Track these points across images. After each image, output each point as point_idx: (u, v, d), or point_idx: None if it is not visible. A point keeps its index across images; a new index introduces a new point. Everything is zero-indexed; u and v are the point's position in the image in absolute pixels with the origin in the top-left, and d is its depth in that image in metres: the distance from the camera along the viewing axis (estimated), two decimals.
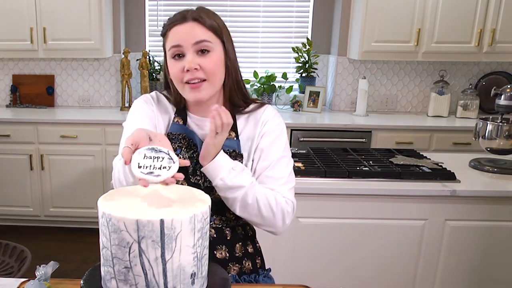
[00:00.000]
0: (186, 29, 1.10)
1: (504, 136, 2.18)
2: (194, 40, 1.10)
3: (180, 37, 1.11)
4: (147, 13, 3.89)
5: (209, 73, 1.12)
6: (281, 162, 1.19)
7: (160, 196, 0.91)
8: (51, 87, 3.85)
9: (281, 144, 1.21)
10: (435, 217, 2.04)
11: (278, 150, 1.19)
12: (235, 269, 1.21)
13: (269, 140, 1.20)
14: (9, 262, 1.84)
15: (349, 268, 2.09)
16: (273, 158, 1.18)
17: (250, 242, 1.27)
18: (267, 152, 1.19)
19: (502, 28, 3.34)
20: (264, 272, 1.28)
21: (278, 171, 1.18)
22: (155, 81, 3.78)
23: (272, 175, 1.17)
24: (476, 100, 3.63)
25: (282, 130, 1.23)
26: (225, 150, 1.15)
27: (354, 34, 3.57)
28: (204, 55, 1.11)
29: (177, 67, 1.12)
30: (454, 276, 2.11)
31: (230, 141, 1.17)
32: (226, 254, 1.20)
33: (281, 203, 1.15)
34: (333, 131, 3.34)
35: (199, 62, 1.11)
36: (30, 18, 3.42)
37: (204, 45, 1.11)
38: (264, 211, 1.13)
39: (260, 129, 1.21)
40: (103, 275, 0.87)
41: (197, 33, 1.10)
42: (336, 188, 2.00)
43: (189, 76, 1.11)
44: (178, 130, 1.20)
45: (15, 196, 3.46)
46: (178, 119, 1.22)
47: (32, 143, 3.38)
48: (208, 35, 1.11)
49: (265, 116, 1.22)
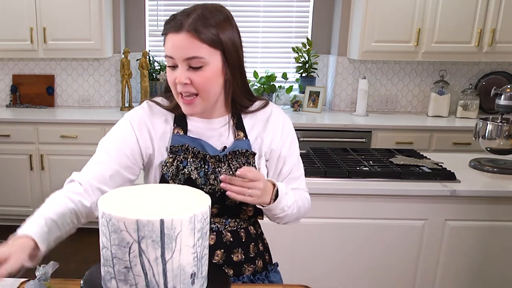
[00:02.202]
0: (179, 42, 1.04)
1: (504, 136, 2.18)
2: (185, 56, 1.04)
3: (172, 49, 1.05)
4: (147, 13, 3.89)
5: (200, 89, 1.07)
6: (299, 160, 1.28)
7: (160, 196, 0.91)
8: (51, 87, 3.84)
9: (296, 144, 1.27)
10: (435, 217, 2.04)
11: (296, 151, 1.27)
12: (250, 270, 1.21)
13: (289, 145, 1.24)
14: None
15: (349, 268, 2.09)
16: (294, 161, 1.26)
17: (260, 240, 1.28)
18: (290, 157, 1.24)
19: (502, 28, 3.34)
20: (272, 267, 1.30)
21: (298, 170, 1.27)
22: (155, 81, 3.78)
23: (296, 177, 1.26)
24: (476, 100, 3.63)
25: (292, 127, 1.27)
26: (238, 150, 1.15)
27: (354, 34, 3.57)
28: (195, 70, 1.05)
29: (171, 76, 1.09)
30: (454, 276, 2.11)
31: (240, 141, 1.17)
32: (242, 256, 1.20)
33: (308, 198, 1.28)
34: (333, 131, 3.34)
35: (190, 76, 1.06)
36: (30, 18, 3.42)
37: (196, 62, 1.04)
38: (303, 212, 1.26)
39: (277, 136, 1.22)
40: (103, 275, 0.87)
41: (189, 48, 1.03)
42: (336, 188, 2.00)
43: (181, 89, 1.08)
44: (179, 142, 1.14)
45: (15, 196, 3.46)
46: (178, 129, 1.16)
47: (32, 143, 3.38)
48: (203, 50, 1.04)
49: (276, 120, 1.23)
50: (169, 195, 0.91)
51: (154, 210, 0.83)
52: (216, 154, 1.14)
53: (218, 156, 1.14)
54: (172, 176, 1.12)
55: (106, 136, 1.19)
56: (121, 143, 1.15)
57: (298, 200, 1.22)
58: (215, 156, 1.14)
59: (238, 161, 1.15)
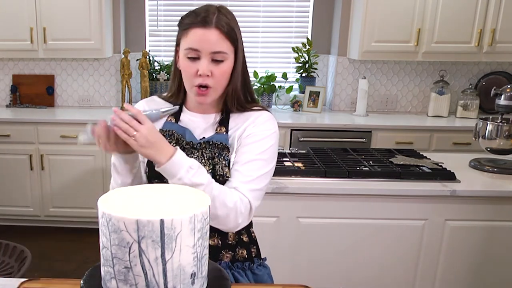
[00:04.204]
0: (206, 36, 1.12)
1: (504, 136, 2.18)
2: (213, 50, 1.13)
3: (199, 43, 1.13)
4: (147, 13, 3.89)
5: (217, 81, 1.16)
6: (254, 162, 1.18)
7: (160, 196, 0.91)
8: (51, 87, 3.85)
9: (262, 147, 1.19)
10: (435, 217, 2.04)
11: (256, 150, 1.19)
12: (228, 256, 1.24)
13: (252, 140, 1.20)
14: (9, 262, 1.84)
15: (349, 268, 2.09)
16: (249, 156, 1.18)
17: (245, 231, 1.29)
18: (245, 149, 1.19)
19: (502, 28, 3.34)
20: (259, 261, 1.31)
21: (248, 169, 1.17)
22: (155, 81, 3.78)
23: (240, 170, 1.17)
24: (476, 100, 3.63)
25: (269, 136, 1.21)
26: (213, 142, 1.19)
27: (354, 34, 3.57)
28: (217, 63, 1.15)
29: (191, 68, 1.15)
30: (454, 276, 2.11)
31: (219, 135, 1.21)
32: (218, 241, 1.23)
33: (236, 202, 1.13)
34: (333, 131, 3.34)
35: (212, 69, 1.15)
36: (30, 18, 3.42)
37: (221, 56, 1.14)
38: (219, 209, 1.11)
39: (248, 128, 1.21)
40: (103, 275, 0.87)
41: (217, 43, 1.13)
42: (336, 188, 2.00)
43: (200, 81, 1.15)
44: (169, 127, 1.24)
45: (15, 196, 3.46)
46: (171, 117, 1.26)
47: (32, 143, 3.38)
48: (226, 45, 1.14)
49: (257, 120, 1.22)
50: (169, 195, 0.91)
51: (154, 210, 0.83)
52: (191, 141, 1.21)
53: (192, 143, 1.21)
54: None
55: None
56: None
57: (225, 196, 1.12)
58: (190, 143, 1.21)
59: (211, 151, 1.19)
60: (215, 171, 1.17)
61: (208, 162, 1.18)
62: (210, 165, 1.18)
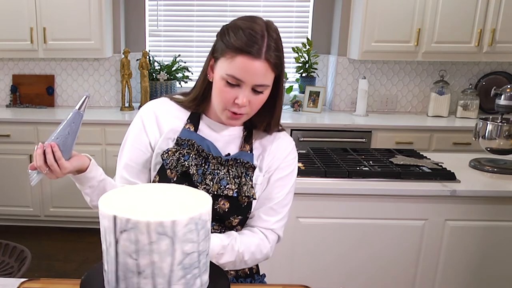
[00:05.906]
0: (254, 69, 1.06)
1: (504, 136, 2.18)
2: (256, 83, 1.07)
3: (245, 73, 1.06)
4: (147, 13, 3.89)
5: (252, 109, 1.13)
6: (286, 196, 1.22)
7: (160, 196, 0.91)
8: (51, 87, 3.85)
9: (292, 179, 1.23)
10: (435, 217, 2.04)
11: (288, 184, 1.22)
12: (232, 273, 1.24)
13: (283, 174, 1.21)
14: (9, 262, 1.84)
15: (349, 268, 2.09)
16: (282, 193, 1.21)
17: None
18: (278, 184, 1.21)
19: (502, 28, 3.34)
20: (259, 277, 1.31)
21: (281, 206, 1.21)
22: (155, 81, 3.77)
23: (275, 209, 1.21)
24: (476, 100, 3.63)
25: (296, 165, 1.25)
26: (240, 159, 1.15)
27: (354, 34, 3.57)
28: (257, 93, 1.10)
29: (229, 94, 1.09)
30: (454, 276, 2.11)
31: (245, 153, 1.18)
32: None
33: (265, 250, 1.20)
34: (333, 131, 3.34)
35: (251, 99, 1.10)
36: (30, 18, 3.42)
37: (262, 88, 1.09)
38: (250, 263, 1.19)
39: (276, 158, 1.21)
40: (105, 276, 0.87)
41: (262, 77, 1.07)
42: (336, 188, 2.00)
43: (236, 110, 1.10)
44: (187, 136, 1.17)
45: (15, 196, 3.46)
46: (189, 125, 1.19)
47: (32, 143, 3.38)
48: (270, 78, 1.09)
49: (281, 145, 1.23)
50: (169, 195, 0.91)
51: (155, 210, 0.83)
52: (219, 156, 1.16)
53: (221, 158, 1.15)
54: (170, 165, 1.13)
55: (124, 141, 1.25)
56: (134, 145, 1.22)
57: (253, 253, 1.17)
58: (217, 158, 1.15)
59: (238, 169, 1.16)
60: (241, 192, 1.14)
61: (233, 180, 1.14)
62: (235, 183, 1.14)
